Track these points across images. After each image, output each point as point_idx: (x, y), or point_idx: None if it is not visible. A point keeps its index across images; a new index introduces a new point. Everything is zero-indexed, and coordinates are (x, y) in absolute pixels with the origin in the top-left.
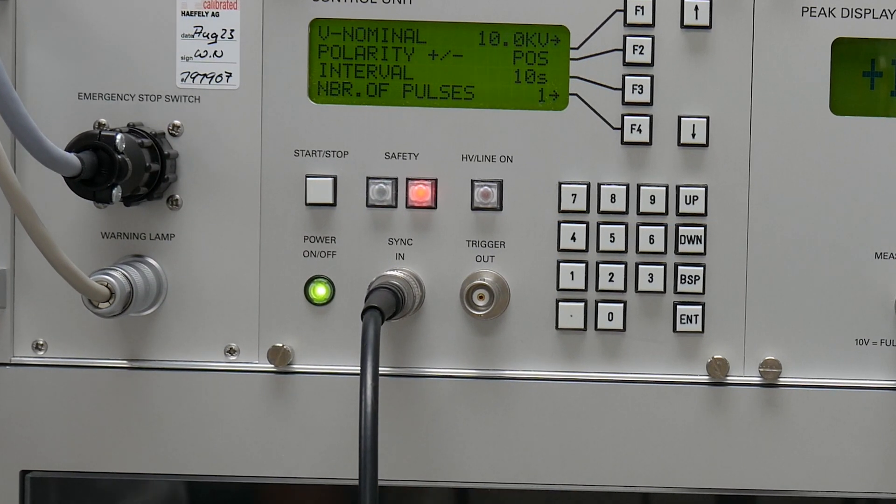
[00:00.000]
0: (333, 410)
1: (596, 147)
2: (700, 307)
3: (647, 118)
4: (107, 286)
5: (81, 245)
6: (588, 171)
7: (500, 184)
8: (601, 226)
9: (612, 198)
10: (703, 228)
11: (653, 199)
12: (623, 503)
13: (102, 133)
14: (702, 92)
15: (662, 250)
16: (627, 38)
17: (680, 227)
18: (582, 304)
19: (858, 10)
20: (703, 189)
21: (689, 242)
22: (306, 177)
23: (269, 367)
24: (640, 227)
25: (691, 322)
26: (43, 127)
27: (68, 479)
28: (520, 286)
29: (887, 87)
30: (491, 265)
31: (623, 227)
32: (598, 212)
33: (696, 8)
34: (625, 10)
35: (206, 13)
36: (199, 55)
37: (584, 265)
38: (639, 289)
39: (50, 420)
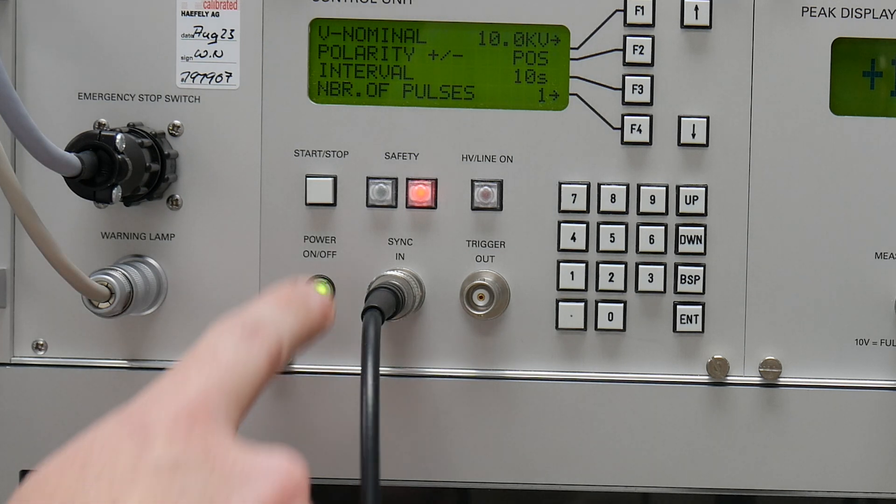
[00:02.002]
0: (333, 410)
1: (596, 147)
2: (700, 307)
3: (647, 118)
4: (107, 286)
5: (81, 245)
6: (588, 171)
7: (500, 184)
8: (601, 226)
9: (612, 198)
10: (703, 228)
11: (653, 199)
12: (623, 503)
13: (102, 133)
14: (702, 92)
15: (662, 250)
16: (627, 38)
17: (680, 227)
18: (582, 304)
19: (858, 10)
20: (703, 189)
21: (689, 242)
22: (306, 177)
23: None
24: (640, 227)
25: (691, 322)
26: (43, 127)
27: None
28: (520, 286)
29: (887, 87)
30: (491, 265)
31: (623, 227)
32: (598, 212)
33: (696, 8)
34: (625, 10)
35: (206, 13)
36: (199, 55)
37: (584, 265)
38: (639, 289)
39: (50, 420)
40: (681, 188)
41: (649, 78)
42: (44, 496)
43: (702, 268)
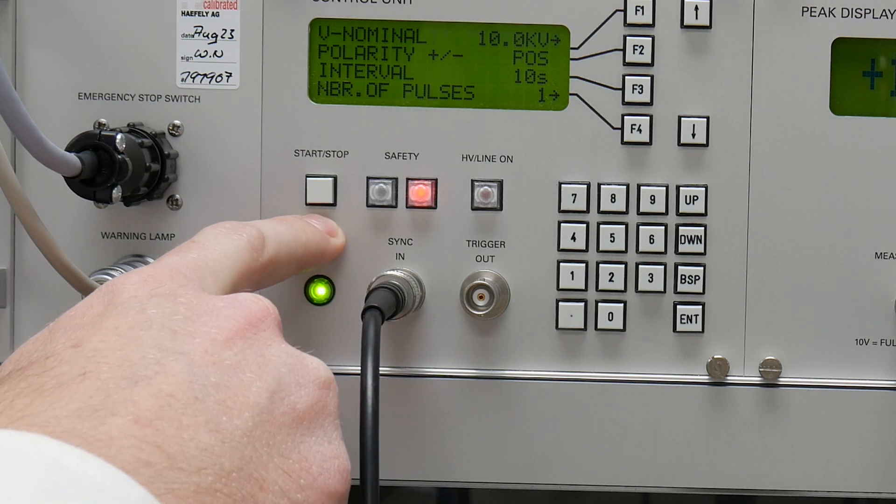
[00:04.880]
0: None
1: (596, 147)
2: (700, 307)
3: (647, 118)
4: None
5: (81, 245)
6: (588, 171)
7: (500, 184)
8: (601, 226)
9: (612, 198)
10: (703, 228)
11: (653, 199)
12: (623, 503)
13: (102, 133)
14: (702, 92)
15: (662, 250)
16: (627, 38)
17: (680, 227)
18: (582, 304)
19: (858, 10)
20: (703, 189)
21: (689, 242)
22: (306, 177)
23: None
24: (640, 227)
25: (691, 322)
26: (43, 127)
27: None
28: (520, 286)
29: (887, 87)
30: (491, 265)
31: (623, 227)
32: (598, 212)
33: (696, 8)
34: (625, 10)
35: (206, 13)
36: (199, 55)
37: (584, 265)
38: (639, 289)
39: None
40: (681, 188)
41: (649, 78)
42: (17, 357)
43: (702, 268)
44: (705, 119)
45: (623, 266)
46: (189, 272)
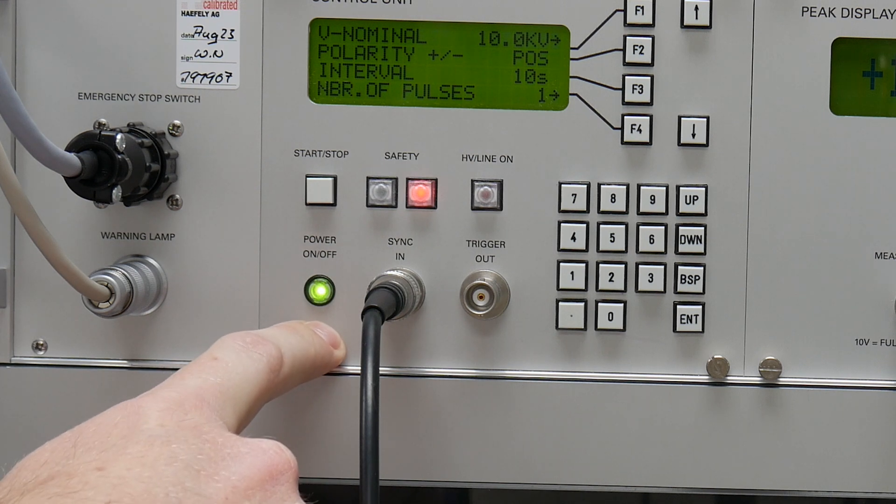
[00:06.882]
0: (333, 410)
1: (596, 147)
2: (700, 307)
3: (647, 118)
4: (107, 286)
5: (81, 245)
6: (588, 171)
7: (500, 184)
8: (601, 226)
9: (612, 198)
10: (703, 228)
11: (653, 199)
12: (623, 503)
13: (102, 133)
14: (702, 92)
15: (662, 250)
16: (627, 38)
17: (680, 227)
18: (582, 304)
19: (858, 10)
20: (703, 189)
21: (689, 242)
22: (306, 177)
23: None
24: (640, 227)
25: (691, 322)
26: (43, 127)
27: None
28: (520, 286)
29: (887, 87)
30: (491, 265)
31: (623, 227)
32: (598, 212)
33: (696, 8)
34: (625, 10)
35: (206, 13)
36: (199, 55)
37: (584, 265)
38: (639, 289)
39: (50, 420)
40: (681, 188)
41: (649, 78)
42: (36, 466)
43: (702, 268)
44: (705, 119)
45: (623, 266)
46: (212, 400)
